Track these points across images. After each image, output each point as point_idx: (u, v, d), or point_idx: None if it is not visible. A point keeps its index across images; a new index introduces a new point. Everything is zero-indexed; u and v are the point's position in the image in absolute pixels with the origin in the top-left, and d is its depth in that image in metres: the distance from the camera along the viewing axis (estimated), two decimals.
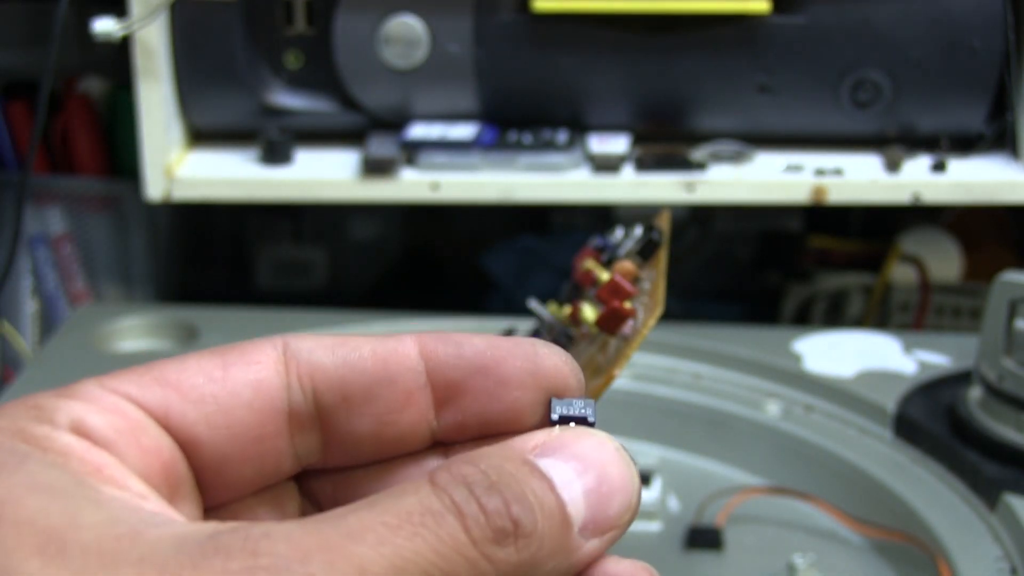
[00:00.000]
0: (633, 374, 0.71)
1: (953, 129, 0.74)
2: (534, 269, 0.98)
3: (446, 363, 0.26)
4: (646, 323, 0.46)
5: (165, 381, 0.25)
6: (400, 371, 0.26)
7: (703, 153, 0.74)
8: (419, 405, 0.26)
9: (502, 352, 0.26)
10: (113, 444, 0.23)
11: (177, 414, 0.25)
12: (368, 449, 0.26)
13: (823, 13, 0.71)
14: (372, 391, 0.26)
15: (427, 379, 0.26)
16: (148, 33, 0.70)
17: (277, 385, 0.26)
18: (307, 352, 0.26)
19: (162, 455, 0.24)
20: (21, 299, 0.85)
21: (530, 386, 0.26)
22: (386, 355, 0.26)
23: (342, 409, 0.26)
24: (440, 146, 0.73)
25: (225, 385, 0.25)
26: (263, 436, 0.26)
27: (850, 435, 0.65)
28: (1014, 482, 0.57)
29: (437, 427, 0.26)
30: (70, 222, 0.85)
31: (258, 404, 0.25)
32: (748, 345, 0.71)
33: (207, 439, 0.25)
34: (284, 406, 0.26)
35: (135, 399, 0.25)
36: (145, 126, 0.72)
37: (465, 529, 0.22)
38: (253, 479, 0.26)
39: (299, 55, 0.75)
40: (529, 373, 0.26)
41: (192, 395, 0.25)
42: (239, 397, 0.25)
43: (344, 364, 0.26)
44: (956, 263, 0.94)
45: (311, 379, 0.26)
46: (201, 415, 0.25)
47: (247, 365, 0.26)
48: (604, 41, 0.72)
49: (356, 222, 1.05)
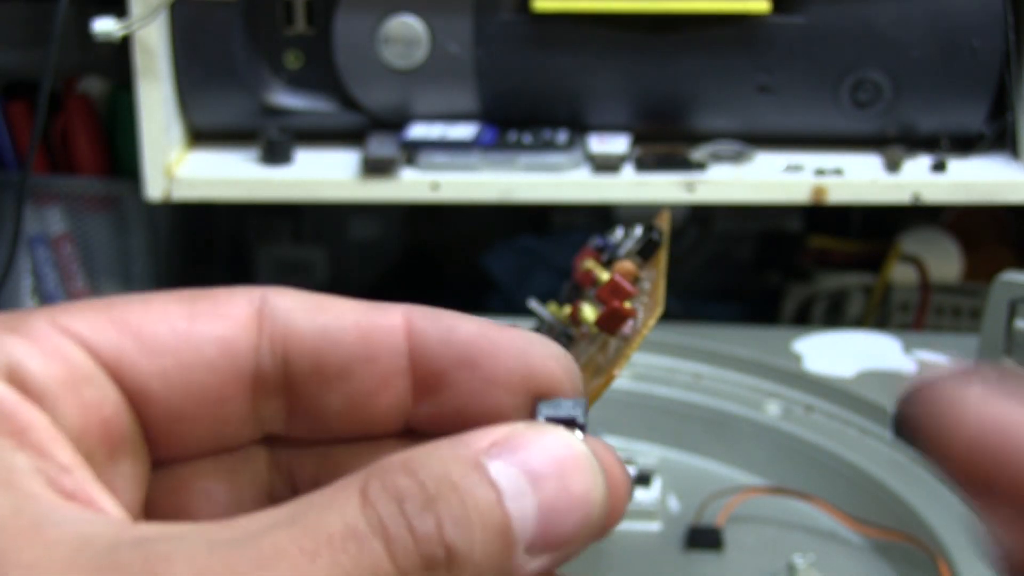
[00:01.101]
0: (633, 374, 0.71)
1: (953, 129, 0.74)
2: (534, 269, 0.98)
3: (432, 349, 0.24)
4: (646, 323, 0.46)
5: (124, 325, 0.23)
6: (381, 350, 0.24)
7: (703, 153, 0.74)
8: (396, 390, 0.24)
9: (493, 345, 0.24)
10: (49, 398, 0.21)
11: (130, 364, 0.22)
12: (335, 426, 0.24)
13: (823, 13, 0.71)
14: (348, 367, 0.24)
15: (409, 363, 0.24)
16: (148, 33, 0.70)
17: (245, 345, 0.23)
18: (284, 312, 0.24)
19: (103, 410, 0.22)
20: (21, 299, 0.85)
21: (517, 387, 0.24)
22: (369, 330, 0.24)
23: (313, 382, 0.24)
24: (440, 146, 0.73)
25: (188, 339, 0.23)
26: (223, 398, 0.23)
27: (850, 435, 0.65)
28: None
29: (412, 416, 0.24)
30: (70, 222, 0.85)
31: (222, 364, 0.23)
32: (748, 345, 0.71)
33: (161, 395, 0.23)
34: (250, 368, 0.23)
35: (87, 342, 0.22)
36: (145, 126, 0.72)
37: (390, 556, 0.19)
38: (208, 441, 0.24)
39: (299, 55, 0.75)
40: (519, 373, 0.23)
41: (150, 344, 0.23)
42: (201, 354, 0.23)
43: (322, 334, 0.24)
44: (956, 263, 0.94)
45: (284, 344, 0.24)
46: (157, 368, 0.23)
47: (216, 318, 0.23)
48: (604, 41, 0.72)
49: (356, 222, 1.05)
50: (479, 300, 0.97)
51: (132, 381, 0.23)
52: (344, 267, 1.05)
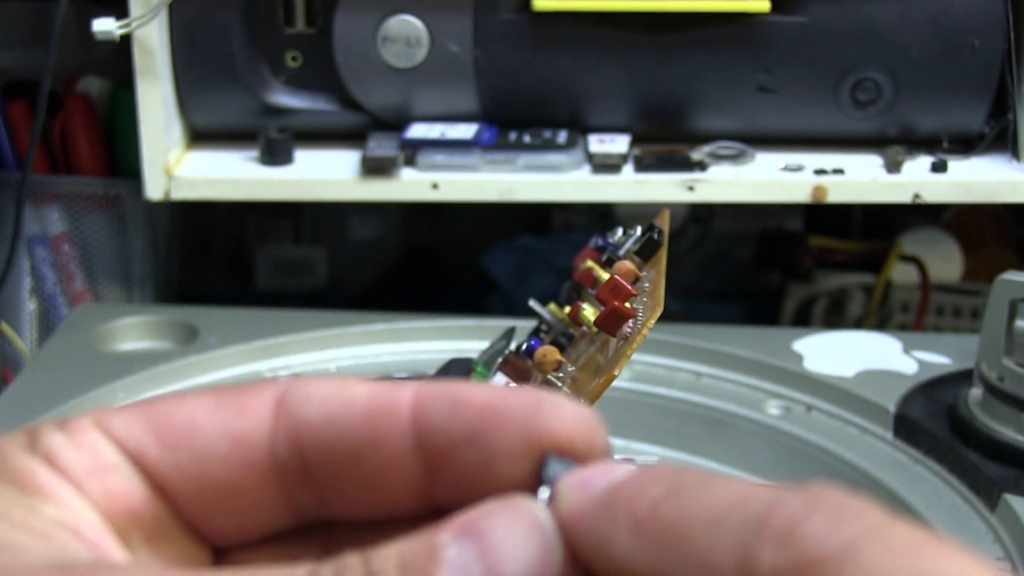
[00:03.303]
0: (633, 374, 0.70)
1: (953, 129, 0.74)
2: (534, 269, 0.98)
3: (437, 427, 0.24)
4: (646, 323, 0.46)
5: (152, 420, 0.24)
6: (387, 434, 0.24)
7: (703, 153, 0.74)
8: (406, 471, 0.24)
9: (497, 415, 0.23)
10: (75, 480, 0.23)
11: (150, 456, 0.24)
12: (360, 509, 0.25)
13: (823, 13, 0.71)
14: (356, 453, 0.24)
15: (416, 442, 0.24)
16: (148, 33, 0.70)
17: (260, 437, 0.24)
18: (299, 403, 0.24)
19: (131, 497, 0.24)
20: (20, 299, 0.85)
21: (521, 455, 0.23)
22: (376, 414, 0.24)
23: (327, 469, 0.24)
24: (440, 146, 0.73)
25: (202, 434, 0.24)
26: (241, 488, 0.24)
27: (850, 435, 0.65)
28: (1014, 482, 0.57)
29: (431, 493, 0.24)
30: (69, 222, 0.85)
31: (234, 457, 0.24)
32: (748, 345, 0.71)
33: (179, 486, 0.24)
34: (266, 459, 0.24)
35: (117, 436, 0.24)
36: (145, 126, 0.72)
37: None
38: (247, 527, 0.25)
39: (299, 55, 0.75)
40: (522, 442, 0.23)
41: (168, 440, 0.24)
42: (213, 448, 0.24)
43: (330, 422, 0.24)
44: (956, 263, 0.94)
45: (297, 434, 0.24)
46: (173, 461, 0.24)
47: (234, 412, 0.24)
48: (604, 40, 0.72)
49: (356, 222, 1.05)
50: (479, 300, 0.97)
51: (153, 472, 0.24)
52: (344, 267, 1.05)
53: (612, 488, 0.22)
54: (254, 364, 0.69)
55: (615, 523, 0.21)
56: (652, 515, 0.21)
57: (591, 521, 0.22)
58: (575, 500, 0.22)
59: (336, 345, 0.71)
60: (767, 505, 0.20)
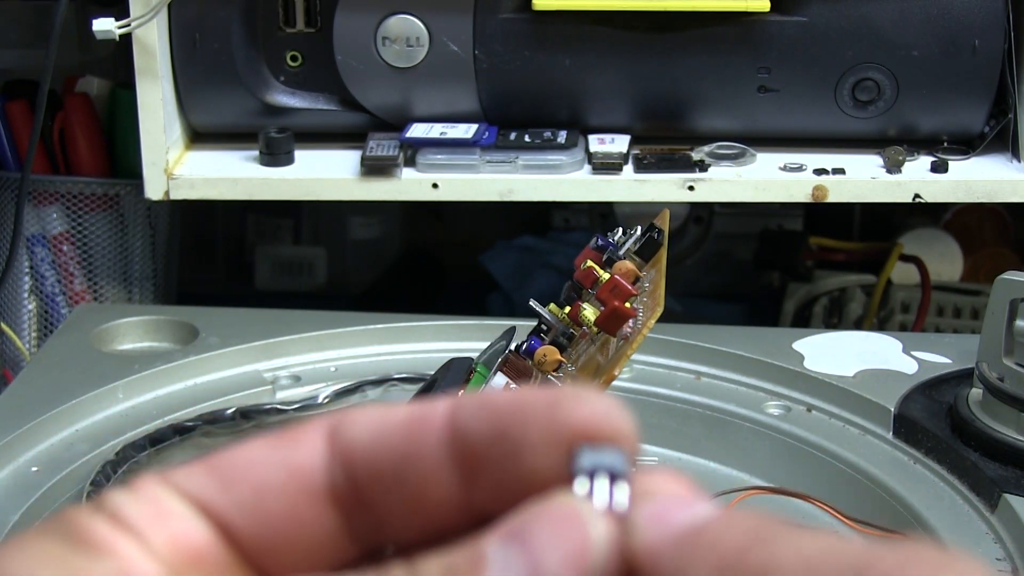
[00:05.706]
0: (633, 374, 0.70)
1: (953, 129, 0.74)
2: (534, 269, 0.98)
3: (468, 429, 0.24)
4: (646, 323, 0.46)
5: (212, 466, 0.25)
6: (425, 443, 0.24)
7: (703, 153, 0.74)
8: (446, 481, 0.24)
9: (521, 411, 0.24)
10: (137, 530, 0.24)
11: (212, 499, 0.25)
12: (412, 529, 0.25)
13: (823, 12, 0.71)
14: (402, 467, 0.24)
15: (450, 451, 0.24)
16: (147, 32, 0.70)
17: (314, 466, 0.25)
18: (348, 427, 0.25)
19: (194, 541, 0.24)
20: (20, 299, 0.85)
21: (548, 447, 0.23)
22: (417, 424, 0.24)
23: (377, 490, 0.24)
24: (440, 146, 0.73)
25: (258, 468, 0.25)
26: (302, 520, 0.25)
27: (850, 435, 0.65)
28: (1014, 482, 0.57)
29: (471, 503, 0.24)
30: (69, 222, 0.85)
31: (291, 488, 0.24)
32: (748, 345, 0.71)
33: (242, 524, 0.25)
34: (322, 487, 0.25)
35: (180, 486, 0.25)
36: (145, 126, 0.72)
37: None
38: (311, 560, 0.25)
39: (299, 55, 0.75)
40: (548, 433, 0.23)
41: (227, 478, 0.25)
42: (270, 481, 0.25)
43: (375, 440, 0.24)
44: (956, 263, 0.94)
45: (348, 457, 0.25)
46: (233, 499, 0.25)
47: (289, 445, 0.25)
48: (604, 40, 0.72)
49: (356, 222, 1.05)
50: (479, 300, 0.97)
51: (215, 513, 0.25)
52: (344, 267, 1.05)
53: (695, 529, 0.22)
54: (254, 364, 0.69)
55: (696, 565, 0.21)
56: (739, 561, 0.21)
57: (671, 559, 0.22)
58: (653, 534, 0.22)
59: (336, 345, 0.71)
60: (863, 559, 0.20)
